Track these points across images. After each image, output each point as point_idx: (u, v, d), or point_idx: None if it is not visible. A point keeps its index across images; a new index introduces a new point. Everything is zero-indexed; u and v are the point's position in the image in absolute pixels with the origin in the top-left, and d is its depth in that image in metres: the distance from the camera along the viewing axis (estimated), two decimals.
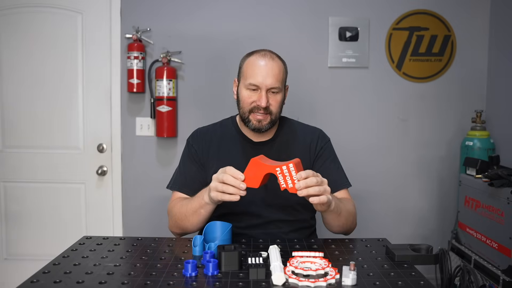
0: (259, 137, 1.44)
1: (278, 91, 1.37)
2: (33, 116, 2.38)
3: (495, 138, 2.28)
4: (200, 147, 1.44)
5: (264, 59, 1.36)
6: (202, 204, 1.25)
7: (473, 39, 2.42)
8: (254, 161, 1.13)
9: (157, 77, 2.29)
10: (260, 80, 1.34)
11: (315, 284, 0.93)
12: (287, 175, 1.09)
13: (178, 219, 1.34)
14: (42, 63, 2.36)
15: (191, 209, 1.29)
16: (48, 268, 1.03)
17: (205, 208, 1.26)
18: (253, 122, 1.38)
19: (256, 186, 1.13)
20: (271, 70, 1.35)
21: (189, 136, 1.50)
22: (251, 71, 1.36)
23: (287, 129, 1.49)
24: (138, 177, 2.41)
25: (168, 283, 0.95)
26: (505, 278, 1.78)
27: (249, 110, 1.37)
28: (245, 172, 1.13)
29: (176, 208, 1.36)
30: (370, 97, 2.43)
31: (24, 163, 2.39)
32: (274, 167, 1.10)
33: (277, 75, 1.36)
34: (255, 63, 1.37)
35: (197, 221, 1.30)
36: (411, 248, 1.15)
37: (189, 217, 1.30)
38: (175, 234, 1.41)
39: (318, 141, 1.47)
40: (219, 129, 1.49)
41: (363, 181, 2.36)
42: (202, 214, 1.28)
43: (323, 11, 2.38)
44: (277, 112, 1.40)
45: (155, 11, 2.35)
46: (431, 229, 2.49)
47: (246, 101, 1.38)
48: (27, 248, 2.42)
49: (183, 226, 1.34)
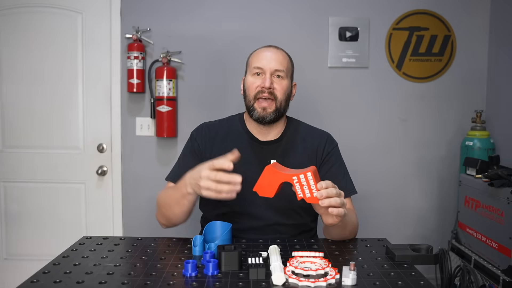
0: (266, 136, 1.43)
1: (283, 76, 1.38)
2: (33, 116, 2.38)
3: (495, 138, 2.28)
4: (203, 142, 1.43)
5: (269, 48, 1.42)
6: (184, 194, 1.21)
7: (473, 39, 2.42)
8: (269, 169, 1.08)
9: (157, 77, 2.29)
10: (265, 63, 1.37)
11: (315, 284, 0.93)
12: (305, 184, 1.04)
13: (163, 208, 1.33)
14: (42, 64, 2.35)
15: (174, 199, 1.26)
16: (48, 268, 1.03)
17: (188, 199, 1.21)
18: (258, 110, 1.36)
19: (271, 195, 1.08)
20: (275, 55, 1.39)
21: (194, 130, 1.48)
22: (256, 58, 1.41)
23: (294, 130, 1.47)
24: (138, 177, 2.41)
25: (168, 283, 0.94)
26: (505, 278, 1.78)
27: (254, 96, 1.37)
28: (259, 180, 1.09)
29: (162, 197, 1.35)
30: (370, 97, 2.43)
31: (24, 163, 2.39)
32: (290, 176, 1.05)
33: (281, 60, 1.39)
34: (260, 52, 1.43)
35: (180, 212, 1.27)
36: (411, 248, 1.15)
37: (172, 207, 1.28)
38: (161, 224, 1.38)
39: (326, 146, 1.45)
40: (225, 125, 1.48)
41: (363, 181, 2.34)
42: (184, 205, 1.24)
43: (323, 11, 2.38)
44: (282, 99, 1.38)
45: (155, 11, 2.35)
46: (431, 229, 2.49)
47: (251, 87, 1.38)
48: (27, 248, 2.42)
49: (167, 215, 1.32)
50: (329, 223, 1.12)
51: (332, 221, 1.10)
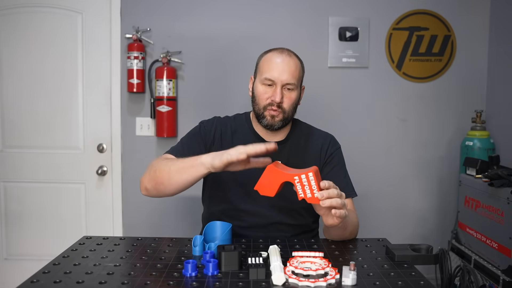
0: (272, 137, 1.44)
1: (293, 88, 1.37)
2: (33, 116, 2.38)
3: (495, 138, 2.28)
4: (212, 133, 1.43)
5: (281, 56, 1.37)
6: (195, 164, 1.17)
7: (473, 39, 2.42)
8: (270, 168, 1.08)
9: (157, 77, 2.29)
10: (276, 75, 1.34)
11: (315, 284, 0.93)
12: (306, 184, 1.04)
13: (158, 171, 1.25)
14: (42, 64, 2.35)
15: (179, 166, 1.21)
16: (48, 268, 1.03)
17: (196, 169, 1.17)
18: (267, 118, 1.37)
19: (272, 194, 1.08)
20: (288, 66, 1.36)
21: (205, 120, 1.48)
22: (268, 66, 1.37)
23: (299, 132, 1.48)
24: (138, 177, 2.36)
25: (168, 283, 0.95)
26: (505, 278, 1.78)
27: (264, 106, 1.37)
28: (261, 179, 1.08)
29: (163, 161, 1.28)
30: (370, 97, 2.43)
31: (24, 163, 2.39)
32: (292, 176, 1.05)
33: (293, 71, 1.36)
34: (272, 58, 1.38)
35: (177, 180, 1.21)
36: (411, 248, 1.15)
37: (173, 173, 1.21)
38: (143, 188, 1.32)
39: (329, 147, 1.46)
40: (233, 123, 1.48)
41: (363, 181, 2.35)
42: (188, 174, 1.19)
43: (323, 11, 2.38)
44: (290, 110, 1.39)
45: (155, 11, 2.35)
46: (431, 229, 2.49)
47: (261, 97, 1.38)
48: (27, 248, 2.42)
49: (160, 180, 1.24)
50: (330, 224, 1.11)
51: (332, 222, 1.10)
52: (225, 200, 1.24)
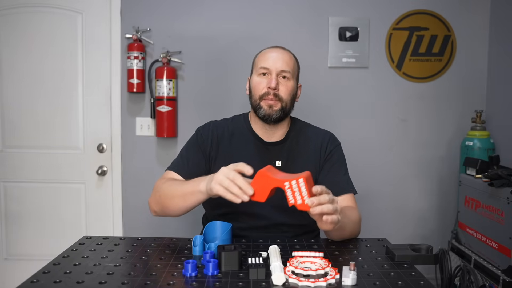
0: (271, 137, 1.44)
1: (289, 77, 1.39)
2: (33, 116, 2.38)
3: (495, 138, 2.28)
4: (209, 139, 1.43)
5: (276, 49, 1.43)
6: (195, 191, 1.20)
7: (473, 39, 2.42)
8: (261, 173, 1.06)
9: (157, 77, 2.29)
10: (271, 63, 1.38)
11: (315, 284, 0.93)
12: (296, 190, 1.01)
13: (163, 196, 1.29)
14: (42, 64, 2.35)
15: (181, 191, 1.24)
16: (48, 268, 1.03)
17: (196, 196, 1.20)
18: (264, 108, 1.37)
19: (263, 200, 1.06)
20: (282, 55, 1.40)
21: (201, 126, 1.48)
22: (262, 58, 1.42)
23: (298, 131, 1.48)
24: (138, 177, 2.41)
25: (168, 283, 0.94)
26: (505, 278, 1.78)
27: (260, 97, 1.38)
28: (251, 184, 1.07)
29: (166, 185, 1.31)
30: (370, 97, 2.43)
31: (24, 163, 2.39)
32: (282, 181, 1.03)
33: (287, 60, 1.40)
34: (266, 52, 1.43)
35: (181, 206, 1.25)
36: (411, 248, 1.15)
37: (176, 198, 1.25)
38: (152, 211, 1.36)
39: (328, 144, 1.46)
40: (230, 125, 1.48)
41: (362, 181, 2.34)
42: (190, 201, 1.22)
43: (323, 10, 2.38)
44: (288, 100, 1.39)
45: (155, 11, 2.35)
46: (431, 229, 2.49)
47: (257, 87, 1.39)
48: (27, 248, 2.42)
49: (165, 204, 1.29)
50: (324, 229, 1.11)
51: (326, 227, 1.09)
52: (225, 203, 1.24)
